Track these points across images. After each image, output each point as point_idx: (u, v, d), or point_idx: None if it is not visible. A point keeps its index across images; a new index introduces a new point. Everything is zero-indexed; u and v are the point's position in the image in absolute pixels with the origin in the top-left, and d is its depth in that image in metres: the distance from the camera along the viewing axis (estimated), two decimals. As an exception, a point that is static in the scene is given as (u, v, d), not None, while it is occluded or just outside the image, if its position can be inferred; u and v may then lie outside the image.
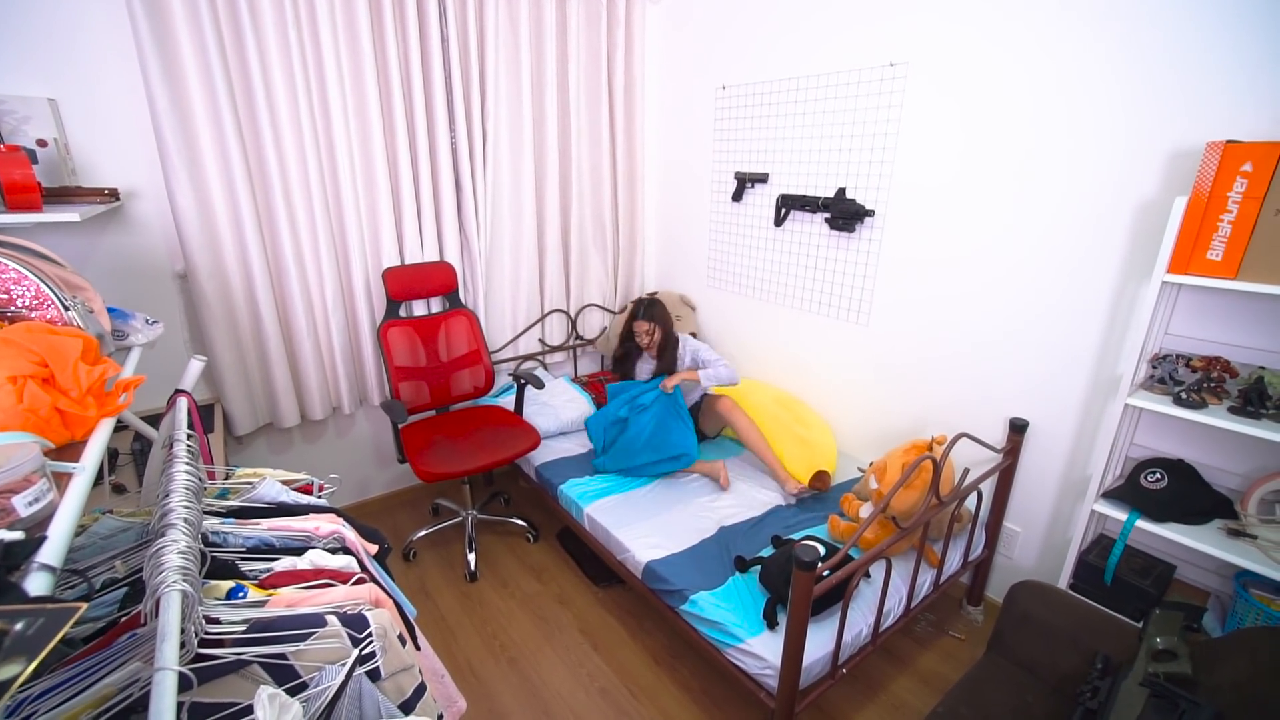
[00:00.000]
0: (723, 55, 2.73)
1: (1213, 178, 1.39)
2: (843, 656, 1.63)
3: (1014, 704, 1.39)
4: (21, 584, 0.57)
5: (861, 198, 2.31)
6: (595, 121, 2.94)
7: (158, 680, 0.62)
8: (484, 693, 1.91)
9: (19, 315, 0.98)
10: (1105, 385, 1.84)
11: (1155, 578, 1.73)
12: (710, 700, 1.88)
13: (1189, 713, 1.08)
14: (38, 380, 0.82)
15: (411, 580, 2.42)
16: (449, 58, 2.45)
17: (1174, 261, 1.48)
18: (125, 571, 0.95)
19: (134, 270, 2.10)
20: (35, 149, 1.76)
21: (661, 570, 1.88)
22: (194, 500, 0.90)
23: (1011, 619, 1.55)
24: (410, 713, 0.90)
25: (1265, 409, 1.44)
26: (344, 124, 2.26)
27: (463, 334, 2.69)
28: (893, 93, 2.14)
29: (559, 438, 2.76)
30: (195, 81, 1.95)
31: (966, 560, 2.06)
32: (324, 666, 0.82)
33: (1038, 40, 1.78)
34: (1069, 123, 1.76)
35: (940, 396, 2.25)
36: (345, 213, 2.36)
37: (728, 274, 2.99)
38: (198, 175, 2.04)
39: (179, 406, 1.15)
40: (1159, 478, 1.66)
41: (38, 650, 0.47)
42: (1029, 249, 1.91)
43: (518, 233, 2.84)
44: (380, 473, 2.93)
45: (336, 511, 1.16)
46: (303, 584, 0.96)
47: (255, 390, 2.38)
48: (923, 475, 1.77)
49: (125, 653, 0.77)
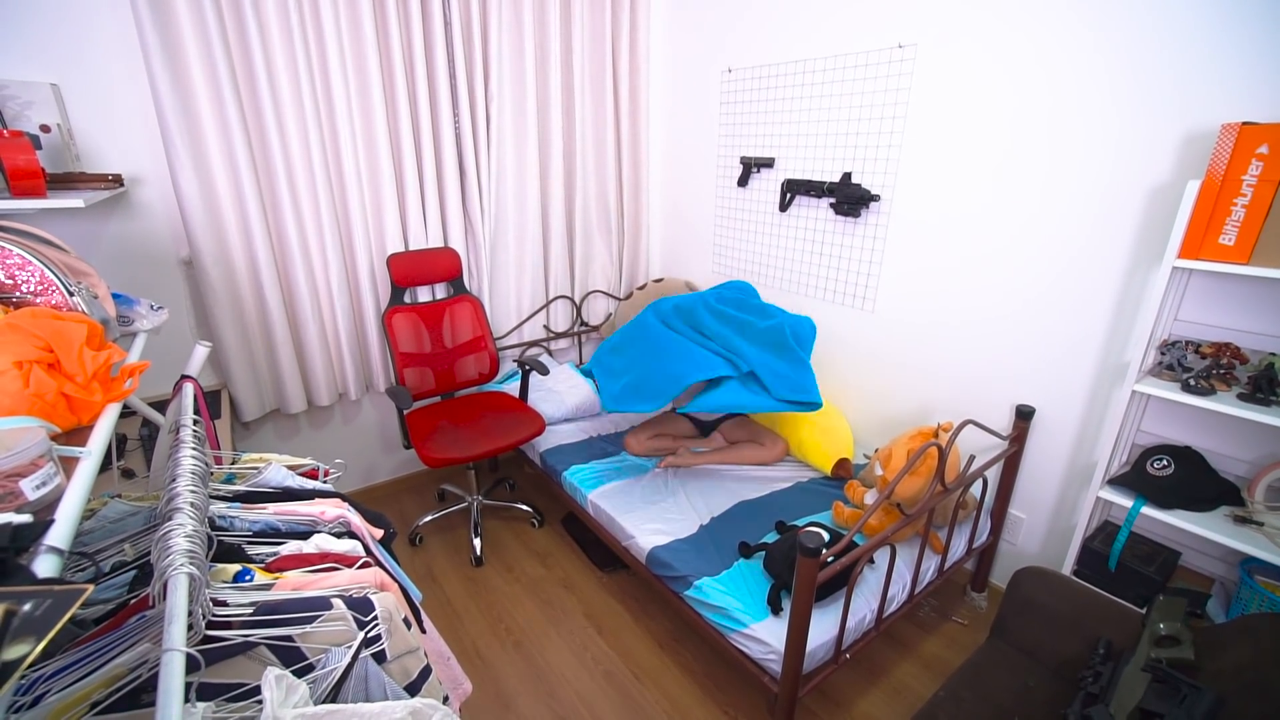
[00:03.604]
0: (728, 37, 2.69)
1: (1227, 160, 1.36)
2: (846, 642, 1.64)
3: (1016, 688, 1.39)
4: (30, 566, 0.58)
5: (867, 183, 2.28)
6: (599, 105, 2.91)
7: (166, 661, 0.62)
8: (490, 675, 1.93)
9: (24, 300, 0.98)
10: (1113, 371, 1.82)
11: (1160, 564, 1.73)
12: (714, 684, 1.90)
13: (1190, 697, 1.09)
14: (43, 365, 0.82)
15: (418, 565, 2.44)
16: (452, 40, 2.42)
17: (1185, 246, 1.46)
18: (134, 555, 0.97)
19: (139, 256, 2.11)
20: (39, 134, 1.76)
21: (666, 556, 1.89)
22: (200, 485, 0.91)
23: (1015, 604, 1.55)
24: (416, 694, 0.91)
25: (1275, 396, 1.42)
26: (346, 107, 2.25)
27: (467, 320, 2.69)
28: (900, 75, 2.10)
29: (564, 424, 2.76)
30: (197, 66, 1.94)
31: (971, 547, 2.06)
32: (330, 649, 0.83)
33: (1050, 21, 1.74)
34: (1082, 105, 1.73)
35: (946, 383, 2.24)
36: (349, 197, 2.35)
37: (733, 260, 2.97)
38: (201, 161, 2.04)
39: (185, 392, 1.16)
40: (1165, 465, 1.65)
41: (45, 631, 0.47)
42: (1037, 234, 1.89)
43: (522, 218, 2.82)
44: (386, 458, 2.95)
45: (342, 496, 1.17)
46: (309, 568, 0.97)
47: (261, 376, 2.39)
48: (928, 462, 1.77)
49: (135, 634, 0.78)
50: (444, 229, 2.65)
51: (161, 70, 1.90)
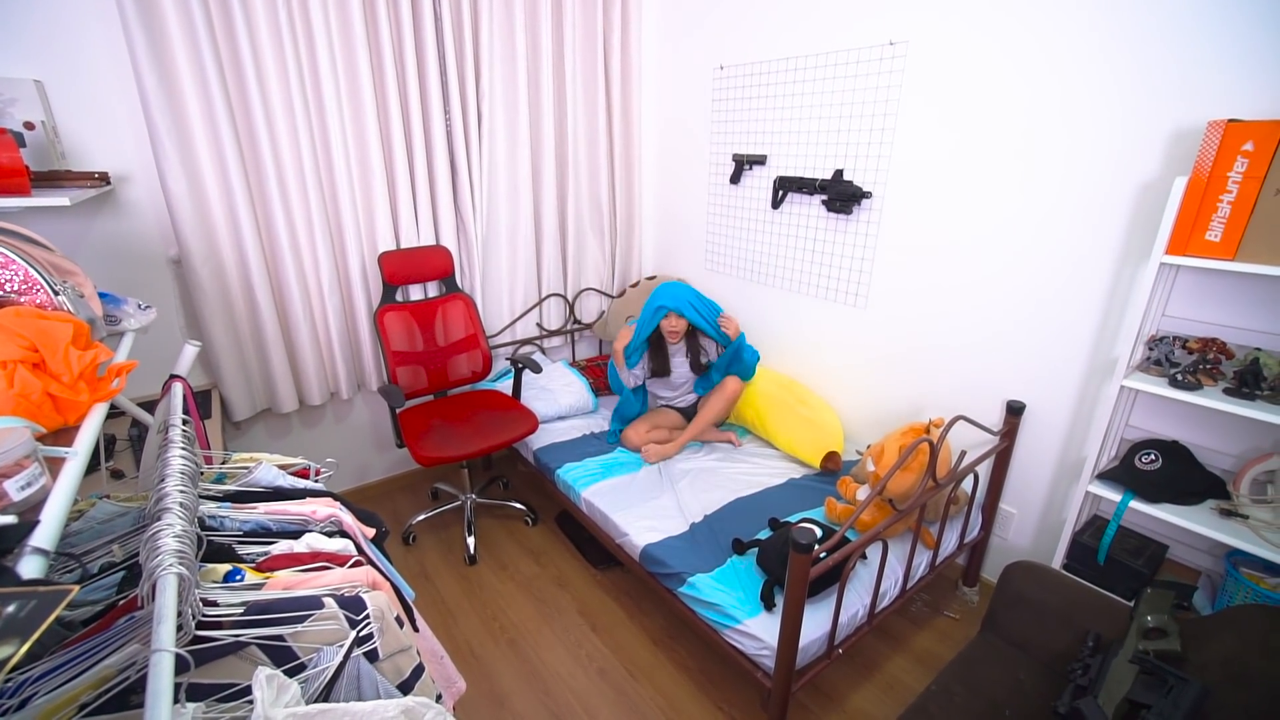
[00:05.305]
0: (721, 35, 2.68)
1: (1213, 157, 1.38)
2: (839, 637, 1.65)
3: (1007, 681, 1.41)
4: (14, 567, 0.57)
5: (859, 180, 2.29)
6: (592, 102, 2.90)
7: (154, 661, 0.62)
8: (484, 673, 1.93)
9: (7, 300, 0.97)
10: (1102, 367, 1.84)
11: (1148, 557, 1.75)
12: (708, 680, 1.90)
13: (1177, 688, 1.10)
14: (28, 365, 0.82)
15: (411, 564, 2.43)
16: (442, 36, 2.40)
17: (1173, 242, 1.47)
18: (123, 555, 0.96)
19: (127, 255, 2.09)
20: (23, 132, 1.73)
21: (659, 554, 1.89)
22: (190, 484, 0.90)
23: (1005, 599, 1.56)
24: (409, 693, 0.91)
25: (1260, 390, 1.44)
26: (336, 104, 2.23)
27: (460, 318, 2.68)
28: (892, 72, 2.11)
29: (557, 422, 2.76)
30: (184, 63, 1.92)
31: (962, 542, 2.08)
32: (322, 648, 0.83)
33: (1040, 19, 1.75)
34: (1070, 103, 1.74)
35: (938, 379, 2.25)
36: (340, 195, 2.33)
37: (726, 257, 2.97)
38: (189, 158, 2.02)
39: (174, 392, 1.15)
40: (1153, 459, 1.67)
41: (30, 632, 0.47)
42: (1028, 230, 1.90)
43: (514, 216, 2.82)
44: (379, 458, 2.94)
45: (334, 495, 1.17)
46: (300, 567, 0.96)
47: (252, 376, 2.38)
48: (920, 458, 1.78)
49: (124, 635, 0.77)
50: (435, 227, 2.64)
51: (148, 66, 1.88)
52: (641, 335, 2.45)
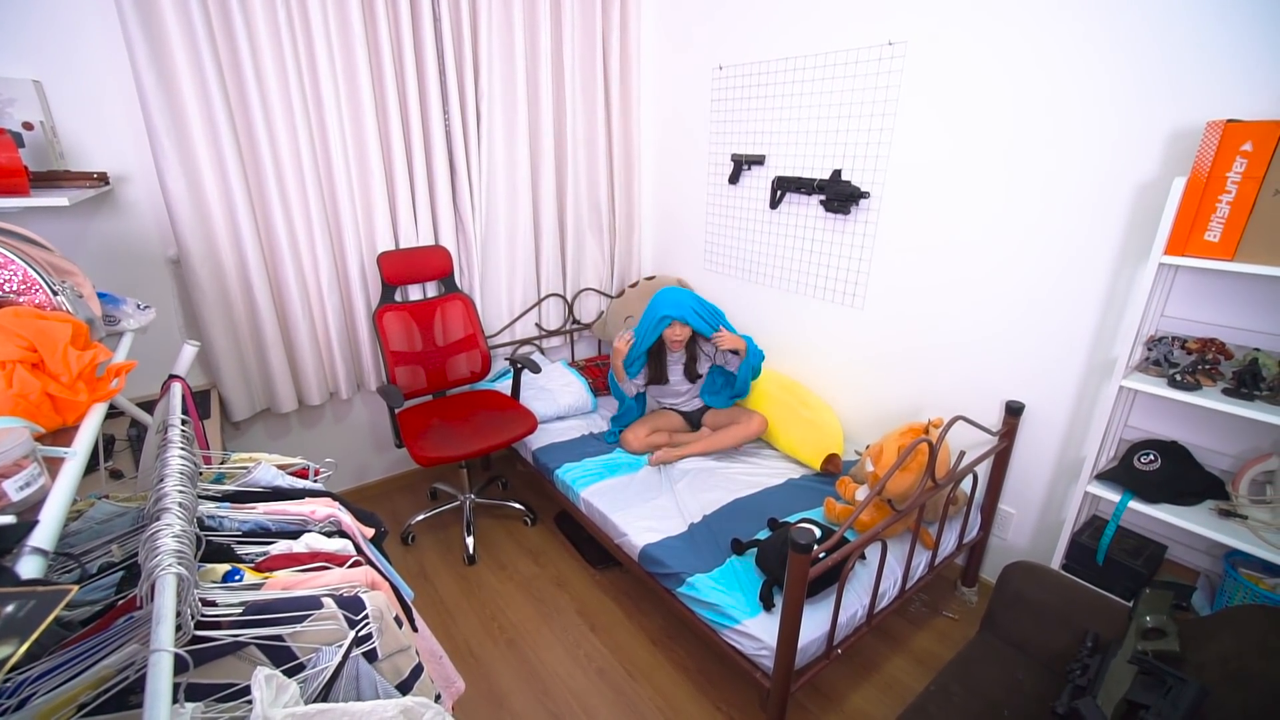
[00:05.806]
0: (720, 35, 2.69)
1: (1212, 158, 1.38)
2: (838, 637, 1.65)
3: (1005, 681, 1.41)
4: (13, 567, 0.57)
5: (857, 180, 2.29)
6: (590, 103, 2.90)
7: (153, 662, 0.62)
8: (483, 673, 1.93)
9: (6, 300, 0.97)
10: (1101, 367, 1.84)
11: (1146, 558, 1.75)
12: (706, 680, 1.90)
13: (1175, 689, 1.10)
14: (26, 365, 0.82)
15: (410, 564, 2.43)
16: (441, 36, 2.40)
17: (1171, 243, 1.48)
18: (122, 556, 0.96)
19: (126, 255, 2.08)
20: (21, 132, 1.73)
21: (658, 554, 1.89)
22: (189, 484, 0.90)
23: (1004, 599, 1.56)
24: (408, 693, 0.91)
25: (1259, 390, 1.44)
26: (335, 103, 2.23)
27: (459, 318, 2.68)
28: (890, 73, 2.11)
29: (555, 422, 2.76)
30: (183, 62, 1.92)
31: (961, 542, 2.08)
32: (320, 648, 0.83)
33: (1039, 20, 1.75)
34: (1068, 104, 1.74)
35: (937, 379, 2.25)
36: (339, 195, 2.33)
37: (724, 257, 2.97)
38: (188, 158, 2.02)
39: (173, 392, 1.15)
40: (1152, 459, 1.67)
41: (29, 632, 0.47)
42: (1026, 231, 1.90)
43: (513, 216, 2.82)
44: (378, 458, 2.94)
45: (333, 495, 1.17)
46: (299, 567, 0.96)
47: (251, 376, 2.38)
48: (918, 458, 1.78)
49: (123, 635, 0.77)
50: (434, 227, 2.64)
51: (146, 66, 1.88)
52: (643, 346, 2.45)
